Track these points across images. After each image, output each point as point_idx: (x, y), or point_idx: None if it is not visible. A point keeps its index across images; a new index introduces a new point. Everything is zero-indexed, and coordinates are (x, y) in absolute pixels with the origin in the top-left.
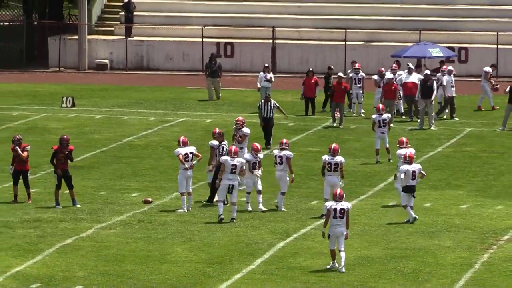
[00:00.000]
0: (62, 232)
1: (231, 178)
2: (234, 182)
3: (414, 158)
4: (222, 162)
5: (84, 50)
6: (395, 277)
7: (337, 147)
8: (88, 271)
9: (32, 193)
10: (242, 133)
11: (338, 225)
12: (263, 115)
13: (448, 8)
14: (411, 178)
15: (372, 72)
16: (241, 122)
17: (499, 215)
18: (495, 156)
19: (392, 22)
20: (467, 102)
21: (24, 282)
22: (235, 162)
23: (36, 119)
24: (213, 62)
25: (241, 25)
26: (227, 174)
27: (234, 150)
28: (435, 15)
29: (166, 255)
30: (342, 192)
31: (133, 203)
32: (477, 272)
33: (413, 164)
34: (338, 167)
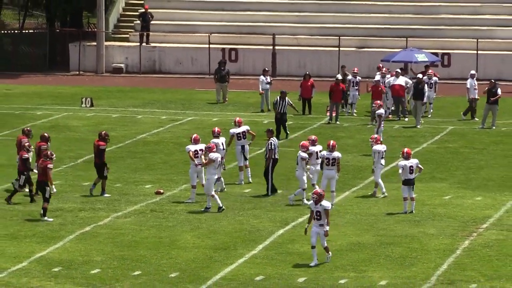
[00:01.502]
0: (82, 221)
1: (214, 173)
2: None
3: (411, 154)
4: (213, 159)
5: (101, 55)
6: (384, 262)
7: (334, 143)
8: (105, 255)
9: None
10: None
11: (315, 225)
12: (278, 110)
13: (432, 17)
14: (409, 172)
15: (364, 76)
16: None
17: (479, 205)
18: (475, 152)
19: (381, 30)
20: (449, 103)
21: (46, 266)
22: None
23: (58, 118)
24: (222, 68)
25: (244, 32)
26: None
27: (212, 146)
28: (421, 23)
29: (176, 242)
30: (322, 191)
31: (146, 194)
32: (459, 257)
33: (410, 159)
34: (336, 161)
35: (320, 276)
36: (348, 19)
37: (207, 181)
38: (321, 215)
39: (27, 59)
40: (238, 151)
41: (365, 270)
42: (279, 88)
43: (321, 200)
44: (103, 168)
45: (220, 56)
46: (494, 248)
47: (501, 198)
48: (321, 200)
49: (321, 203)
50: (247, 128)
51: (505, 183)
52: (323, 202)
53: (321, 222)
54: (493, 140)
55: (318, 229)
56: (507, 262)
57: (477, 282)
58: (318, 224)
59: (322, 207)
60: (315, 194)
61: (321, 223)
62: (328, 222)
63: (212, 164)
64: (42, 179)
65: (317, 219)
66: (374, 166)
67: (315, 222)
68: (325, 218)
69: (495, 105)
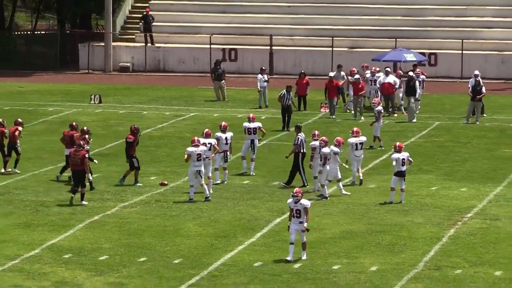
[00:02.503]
0: (91, 210)
1: (197, 165)
2: (200, 168)
3: (403, 148)
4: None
5: (109, 55)
6: (374, 249)
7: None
8: (112, 243)
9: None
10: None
11: (295, 223)
12: (284, 102)
13: (420, 19)
14: (401, 164)
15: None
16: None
17: (463, 196)
18: (460, 146)
19: (372, 31)
20: (436, 100)
21: (58, 253)
22: (200, 152)
23: (68, 114)
24: (218, 67)
25: (244, 33)
26: (194, 162)
27: (197, 139)
28: (409, 25)
29: (179, 230)
30: (300, 190)
31: (151, 185)
32: (445, 244)
33: (402, 153)
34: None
35: (315, 262)
36: (340, 21)
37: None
38: (300, 213)
39: (39, 58)
40: (246, 144)
41: (357, 256)
42: (276, 86)
43: (301, 199)
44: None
45: (221, 56)
46: (478, 236)
47: (484, 189)
48: (301, 199)
49: (300, 202)
50: (259, 125)
51: (488, 175)
52: (303, 201)
53: (300, 220)
54: (477, 134)
55: (297, 226)
56: (490, 249)
57: (462, 268)
58: (298, 222)
59: (301, 206)
60: (298, 193)
61: (301, 220)
62: (307, 219)
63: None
64: (79, 169)
65: (297, 216)
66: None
67: (295, 219)
68: (304, 216)
69: (479, 102)
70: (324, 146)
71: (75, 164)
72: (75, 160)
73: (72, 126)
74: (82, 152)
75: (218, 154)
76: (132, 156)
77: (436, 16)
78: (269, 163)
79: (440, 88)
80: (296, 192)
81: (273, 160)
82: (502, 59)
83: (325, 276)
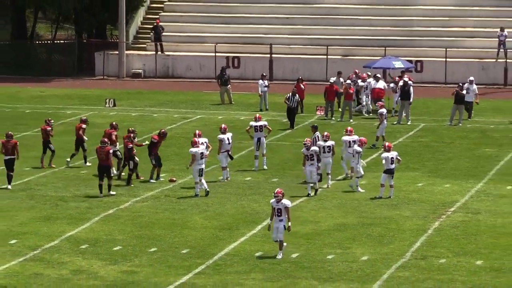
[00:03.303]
0: (106, 205)
1: (200, 163)
2: (203, 166)
3: (392, 147)
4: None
5: (122, 62)
6: (365, 240)
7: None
8: (125, 235)
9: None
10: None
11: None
12: (289, 105)
13: (407, 29)
14: (390, 163)
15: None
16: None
17: (447, 191)
18: (444, 145)
19: (364, 41)
20: (421, 103)
21: (75, 244)
22: (202, 151)
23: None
24: (224, 73)
25: (246, 43)
26: (198, 160)
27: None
28: (397, 35)
29: (187, 222)
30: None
31: (161, 182)
32: (430, 236)
33: (391, 152)
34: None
35: (311, 252)
36: (334, 31)
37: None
38: (281, 211)
39: (59, 65)
40: (254, 142)
41: (349, 247)
42: (276, 91)
43: (282, 199)
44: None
45: (225, 63)
46: (460, 228)
47: (466, 185)
48: (282, 199)
49: (282, 201)
50: (265, 123)
51: (470, 172)
52: (284, 200)
53: (281, 218)
54: (459, 135)
55: (277, 224)
56: (471, 240)
57: (446, 258)
58: (278, 220)
59: (283, 205)
60: (279, 193)
61: (281, 218)
62: (289, 218)
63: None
64: (104, 164)
65: (278, 215)
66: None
67: (276, 218)
68: (285, 214)
69: (461, 105)
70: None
71: (101, 159)
72: (101, 156)
73: (112, 125)
74: (107, 149)
75: (222, 154)
76: (156, 155)
77: (422, 27)
78: (269, 161)
79: (425, 93)
80: (277, 193)
81: (273, 158)
82: (482, 66)
83: (321, 265)
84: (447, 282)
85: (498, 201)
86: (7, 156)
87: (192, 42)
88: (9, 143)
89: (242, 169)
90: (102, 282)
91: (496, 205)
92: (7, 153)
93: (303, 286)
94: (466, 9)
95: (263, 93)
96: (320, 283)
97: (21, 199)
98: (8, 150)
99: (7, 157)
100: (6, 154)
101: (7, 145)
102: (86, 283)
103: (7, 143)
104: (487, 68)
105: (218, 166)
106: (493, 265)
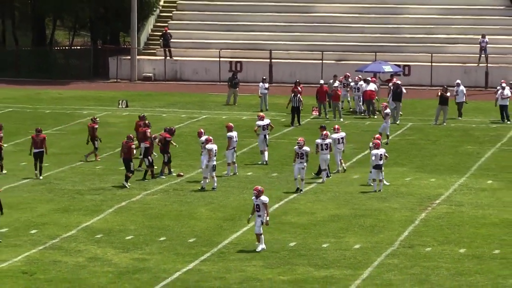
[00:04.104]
0: (119, 197)
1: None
2: (214, 163)
3: (380, 145)
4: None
5: (134, 66)
6: (357, 230)
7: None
8: (137, 225)
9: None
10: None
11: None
12: (292, 104)
13: (395, 36)
14: (379, 159)
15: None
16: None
17: (433, 185)
18: (430, 143)
19: (356, 47)
20: (408, 104)
21: (90, 233)
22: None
23: (100, 116)
24: (235, 76)
25: (248, 48)
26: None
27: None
28: (387, 41)
29: (193, 214)
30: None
31: (170, 176)
32: (417, 226)
33: (379, 149)
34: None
35: (307, 241)
36: (329, 38)
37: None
38: (260, 207)
39: (75, 69)
40: (261, 139)
41: (343, 236)
42: (275, 93)
43: (260, 195)
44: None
45: (228, 67)
46: (445, 219)
47: (450, 179)
48: (260, 195)
49: (260, 198)
50: (269, 121)
51: (453, 167)
52: (262, 197)
53: (259, 213)
54: (444, 133)
55: (256, 218)
56: (455, 230)
57: (431, 246)
58: (257, 215)
59: (261, 201)
60: (255, 190)
61: (260, 214)
62: (267, 213)
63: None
64: (126, 157)
65: (257, 210)
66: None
67: (256, 213)
68: (264, 210)
69: (446, 106)
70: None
71: (125, 152)
72: (124, 149)
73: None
74: (130, 144)
75: (228, 150)
76: (167, 152)
77: (409, 34)
78: (269, 157)
79: (412, 95)
80: (254, 189)
81: (273, 155)
82: (465, 70)
83: (316, 253)
84: (433, 269)
85: (479, 194)
86: (37, 149)
87: (198, 48)
88: (39, 137)
89: (244, 165)
90: (115, 269)
91: (477, 198)
92: (36, 146)
93: (300, 272)
94: (450, 17)
95: (263, 95)
96: (315, 270)
97: (41, 192)
98: (37, 143)
99: (36, 150)
100: (36, 147)
101: (37, 139)
102: (101, 269)
103: (37, 137)
104: (469, 72)
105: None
106: (475, 253)
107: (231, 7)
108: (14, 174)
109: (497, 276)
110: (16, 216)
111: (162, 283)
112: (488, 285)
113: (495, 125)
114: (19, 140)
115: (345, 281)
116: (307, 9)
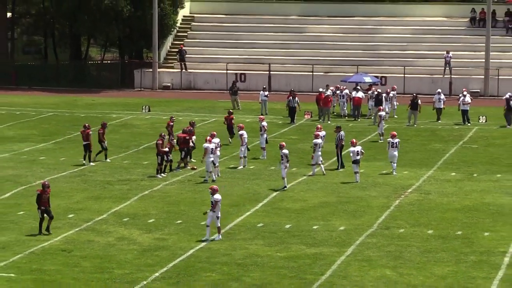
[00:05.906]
0: (142, 187)
1: (212, 156)
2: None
3: (357, 143)
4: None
5: (155, 77)
6: (342, 214)
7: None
8: (157, 210)
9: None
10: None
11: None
12: (289, 105)
13: (374, 52)
14: (356, 155)
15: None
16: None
17: (406, 177)
18: (403, 141)
19: (341, 61)
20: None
21: (119, 217)
22: (212, 146)
23: (127, 119)
24: (234, 86)
25: (250, 62)
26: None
27: (209, 139)
28: (367, 56)
29: (205, 201)
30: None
31: (185, 170)
32: (392, 211)
33: (356, 147)
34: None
35: (300, 223)
36: (318, 54)
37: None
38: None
39: (106, 80)
40: (265, 138)
41: (330, 219)
42: (273, 100)
43: (214, 194)
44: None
45: (234, 78)
46: (416, 205)
47: (420, 172)
48: (214, 194)
49: (213, 196)
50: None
51: (423, 162)
52: (215, 195)
53: (214, 210)
54: (414, 133)
55: (211, 213)
56: (424, 214)
57: (404, 228)
58: (212, 211)
59: (213, 199)
60: (210, 189)
61: (214, 210)
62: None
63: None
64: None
65: (212, 206)
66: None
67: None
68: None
69: (416, 111)
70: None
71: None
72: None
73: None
74: (158, 141)
75: (242, 146)
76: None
77: (386, 50)
78: (267, 154)
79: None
80: (209, 188)
81: (271, 151)
82: (432, 80)
83: (308, 234)
84: (405, 247)
85: (444, 184)
86: (85, 142)
87: (209, 62)
88: (85, 132)
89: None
90: (140, 247)
91: (443, 187)
92: (84, 139)
93: (294, 250)
94: (420, 36)
95: (263, 101)
96: (307, 247)
97: (77, 183)
98: (84, 137)
99: (85, 143)
100: (84, 140)
101: (83, 133)
102: (127, 247)
103: (83, 132)
104: (436, 82)
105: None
106: (441, 233)
107: (236, 28)
108: (54, 168)
109: (459, 253)
110: (56, 203)
111: (178, 259)
112: (452, 261)
113: (457, 126)
114: (59, 139)
115: (332, 257)
116: (300, 29)
